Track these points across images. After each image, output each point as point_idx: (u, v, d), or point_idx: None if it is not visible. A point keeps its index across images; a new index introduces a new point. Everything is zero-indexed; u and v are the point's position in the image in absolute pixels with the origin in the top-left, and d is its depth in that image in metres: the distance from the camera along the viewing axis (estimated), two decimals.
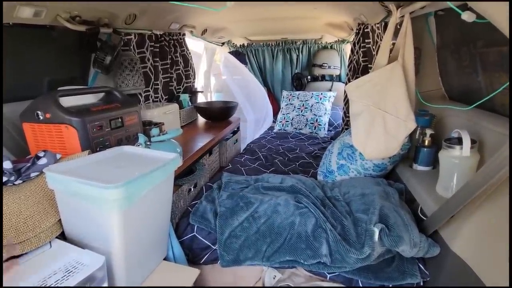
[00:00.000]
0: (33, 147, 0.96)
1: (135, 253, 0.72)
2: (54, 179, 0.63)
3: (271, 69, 2.90)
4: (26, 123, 0.93)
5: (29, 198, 0.67)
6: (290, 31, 2.51)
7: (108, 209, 0.62)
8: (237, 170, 1.53)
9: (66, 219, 0.69)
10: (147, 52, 1.62)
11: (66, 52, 1.31)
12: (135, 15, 1.40)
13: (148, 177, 0.67)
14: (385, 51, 1.01)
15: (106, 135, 1.01)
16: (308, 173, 1.51)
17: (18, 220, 0.62)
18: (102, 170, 0.70)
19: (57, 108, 0.89)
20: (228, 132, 1.90)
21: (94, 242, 0.68)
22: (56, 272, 0.58)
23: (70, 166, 0.69)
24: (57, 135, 0.91)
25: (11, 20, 0.95)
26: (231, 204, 1.06)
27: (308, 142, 2.11)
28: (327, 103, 2.41)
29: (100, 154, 0.79)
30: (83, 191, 0.61)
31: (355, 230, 0.92)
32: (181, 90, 2.07)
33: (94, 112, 0.97)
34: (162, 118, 1.48)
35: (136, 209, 0.67)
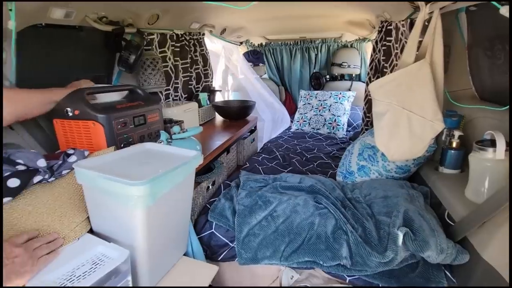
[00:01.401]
0: (62, 142, 1.01)
1: (157, 248, 0.73)
2: (82, 174, 0.66)
3: (288, 68, 2.88)
4: (56, 119, 0.98)
5: (62, 195, 0.70)
6: (309, 29, 2.47)
7: (132, 205, 0.63)
8: (255, 169, 1.53)
9: (93, 214, 0.72)
10: (168, 51, 1.66)
11: (93, 52, 1.36)
12: (158, 15, 1.43)
13: (172, 175, 0.68)
14: (411, 49, 0.97)
15: (129, 131, 1.04)
16: (326, 174, 1.48)
17: (53, 218, 0.65)
18: (127, 166, 0.72)
19: (85, 105, 0.92)
20: (246, 131, 1.90)
21: (119, 237, 0.70)
22: (84, 264, 0.60)
23: (97, 162, 0.71)
24: (85, 131, 0.95)
25: (44, 21, 0.99)
26: (249, 202, 1.06)
27: (326, 143, 2.07)
28: (346, 103, 2.36)
29: (125, 151, 0.81)
30: (109, 187, 0.63)
31: (377, 233, 0.90)
32: (200, 89, 2.09)
33: (119, 110, 1.00)
34: (181, 116, 1.51)
35: (159, 205, 0.69)
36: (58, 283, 0.54)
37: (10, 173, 0.65)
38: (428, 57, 0.92)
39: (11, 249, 0.53)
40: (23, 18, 0.84)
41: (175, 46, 1.73)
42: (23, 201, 0.65)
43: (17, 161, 0.68)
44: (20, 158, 0.68)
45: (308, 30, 2.50)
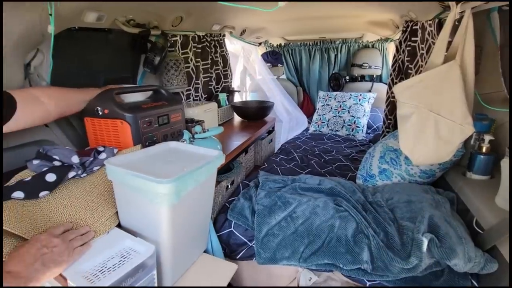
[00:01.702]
0: (92, 139, 1.06)
1: (180, 244, 0.76)
2: (112, 171, 0.69)
3: (307, 69, 2.86)
4: (87, 118, 1.03)
5: (93, 190, 0.74)
6: (329, 30, 2.44)
7: (158, 202, 0.65)
8: (273, 169, 1.53)
9: (122, 209, 0.75)
10: (190, 52, 1.70)
11: (120, 53, 1.42)
12: (181, 17, 1.47)
13: (196, 174, 0.70)
14: (440, 50, 0.93)
15: (154, 130, 1.08)
16: (345, 176, 1.46)
17: (85, 212, 0.69)
18: (153, 164, 0.75)
19: (114, 105, 0.97)
20: (264, 131, 1.91)
21: (145, 232, 0.72)
22: (113, 257, 0.63)
23: (126, 160, 0.74)
24: (113, 129, 0.99)
25: (78, 24, 1.05)
26: (268, 202, 1.07)
27: (345, 144, 2.04)
28: (367, 104, 2.31)
29: (151, 149, 0.84)
30: (137, 184, 0.65)
31: (400, 238, 0.88)
32: (220, 89, 2.12)
33: (145, 109, 1.04)
34: (202, 116, 1.54)
35: (183, 203, 0.71)
36: (92, 273, 0.57)
37: (47, 168, 0.70)
38: (458, 58, 0.88)
39: (50, 239, 0.56)
40: (60, 22, 0.89)
41: (196, 48, 1.77)
42: (59, 195, 0.70)
43: (54, 157, 0.72)
44: (56, 155, 0.73)
45: (328, 30, 2.47)
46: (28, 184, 0.65)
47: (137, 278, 0.62)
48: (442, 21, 1.20)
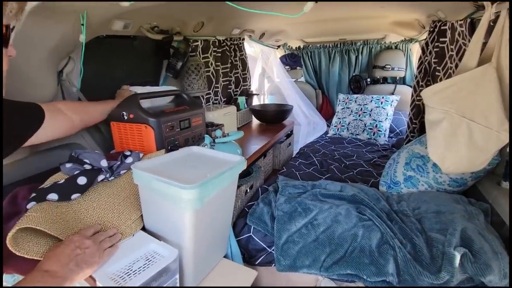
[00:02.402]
0: (117, 143, 1.10)
1: (202, 249, 0.76)
2: (138, 175, 0.70)
3: (327, 71, 2.81)
4: (113, 122, 1.07)
5: (120, 193, 0.76)
6: (350, 31, 2.39)
7: (182, 207, 0.66)
8: (292, 174, 1.51)
9: (146, 212, 0.76)
10: (211, 57, 1.72)
11: (144, 59, 1.47)
12: (203, 22, 1.49)
13: (218, 179, 0.70)
14: (474, 52, 0.88)
15: (176, 135, 1.10)
16: (367, 183, 1.41)
17: (113, 215, 0.71)
18: (177, 169, 0.76)
19: (138, 110, 1.00)
20: (282, 135, 1.90)
21: (168, 236, 0.74)
22: (138, 260, 0.65)
23: (151, 164, 0.76)
24: (138, 133, 1.02)
25: (106, 33, 1.09)
26: (288, 208, 1.05)
27: (366, 149, 1.98)
28: (389, 107, 2.24)
29: (174, 154, 0.86)
30: (162, 188, 0.67)
31: (429, 251, 0.83)
32: (238, 93, 2.14)
33: (168, 114, 1.06)
34: (221, 120, 1.55)
35: (206, 208, 0.71)
36: (118, 275, 0.59)
37: (79, 171, 0.73)
38: (494, 61, 0.83)
39: (83, 240, 0.58)
40: (90, 31, 0.93)
41: (216, 52, 1.79)
42: (89, 198, 0.72)
43: (85, 160, 0.76)
44: (86, 158, 0.76)
45: (349, 32, 2.42)
46: (61, 187, 0.69)
47: (161, 282, 0.63)
48: (474, 21, 1.14)
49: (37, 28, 0.73)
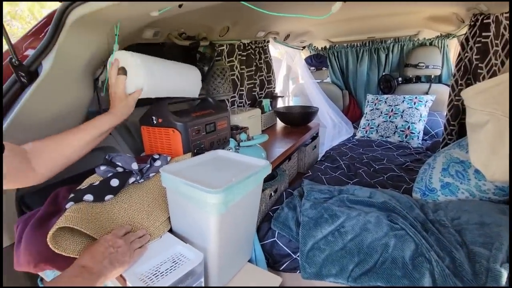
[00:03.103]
0: (147, 146, 1.14)
1: (226, 252, 0.76)
2: (166, 178, 0.73)
3: (354, 71, 2.71)
4: (143, 126, 1.11)
5: (149, 195, 0.79)
6: (379, 29, 2.28)
7: (207, 211, 0.67)
8: (317, 178, 1.48)
9: (173, 214, 0.79)
10: (236, 60, 1.74)
11: None
12: (228, 27, 1.51)
13: (243, 184, 0.70)
14: None
15: (202, 138, 1.12)
16: (399, 189, 1.33)
17: (142, 216, 0.74)
18: (203, 172, 0.77)
19: (167, 114, 1.03)
20: (308, 137, 1.86)
21: (194, 239, 0.75)
22: (165, 261, 0.66)
23: (179, 167, 0.78)
24: (166, 137, 1.06)
25: (137, 41, 1.15)
26: (314, 214, 1.02)
27: (397, 152, 1.88)
28: (423, 108, 2.10)
29: (200, 157, 0.87)
30: (188, 192, 0.68)
31: (471, 267, 0.76)
32: (263, 95, 2.14)
33: (194, 118, 1.08)
34: (246, 123, 1.56)
35: (231, 212, 0.71)
36: (147, 276, 0.61)
37: (112, 174, 0.77)
38: None
39: (115, 240, 0.61)
40: (123, 40, 0.98)
41: (241, 55, 1.80)
42: (121, 199, 0.76)
43: (117, 163, 0.79)
44: (119, 161, 0.79)
45: (378, 30, 2.31)
46: (96, 188, 0.73)
47: (187, 285, 0.64)
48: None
49: (76, 40, 0.78)
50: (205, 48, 1.60)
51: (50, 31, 0.74)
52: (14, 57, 0.72)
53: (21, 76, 0.74)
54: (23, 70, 0.74)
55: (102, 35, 0.83)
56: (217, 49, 1.60)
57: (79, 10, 0.68)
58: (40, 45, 0.75)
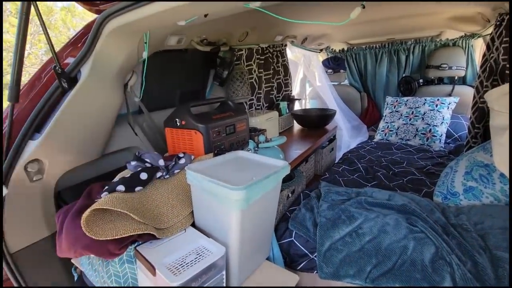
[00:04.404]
0: (170, 147, 1.21)
1: (246, 248, 0.80)
2: (192, 176, 0.77)
3: (373, 73, 2.67)
4: (167, 128, 1.18)
5: (174, 190, 0.85)
6: (399, 30, 2.25)
7: (230, 207, 0.71)
8: (335, 180, 1.48)
9: (197, 210, 0.83)
10: (254, 64, 1.78)
11: (193, 69, 1.59)
12: (247, 32, 1.56)
13: (264, 182, 0.74)
14: None
15: (222, 139, 1.17)
16: (419, 192, 1.31)
17: (167, 208, 0.79)
18: (225, 171, 0.81)
19: (189, 117, 1.09)
20: (325, 140, 1.86)
21: (216, 233, 0.79)
22: (190, 254, 0.71)
23: (202, 166, 0.83)
24: (188, 138, 1.12)
25: (162, 48, 1.22)
26: (332, 215, 1.04)
27: (418, 156, 1.83)
28: (446, 110, 2.04)
29: (222, 157, 0.92)
30: (212, 189, 0.72)
31: (494, 272, 0.74)
32: (280, 98, 2.16)
33: (215, 120, 1.14)
34: (263, 125, 1.59)
35: (251, 209, 0.75)
36: (174, 266, 0.65)
37: (141, 168, 0.83)
38: None
39: None
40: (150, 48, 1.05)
41: (259, 59, 1.85)
42: (149, 191, 0.81)
43: (146, 159, 0.85)
44: (147, 158, 0.85)
45: (398, 31, 2.28)
46: (127, 180, 0.79)
47: (209, 276, 0.68)
48: None
49: (111, 48, 0.85)
50: (225, 53, 1.66)
51: (89, 40, 0.82)
52: (58, 65, 0.80)
53: (63, 82, 0.82)
54: (65, 76, 0.82)
55: (133, 43, 0.90)
56: (237, 53, 1.65)
57: (116, 21, 0.75)
58: (80, 53, 0.83)
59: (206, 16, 0.80)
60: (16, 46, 0.77)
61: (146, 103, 1.28)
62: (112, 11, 0.74)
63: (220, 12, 0.81)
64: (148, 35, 0.89)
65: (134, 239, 0.71)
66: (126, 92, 1.14)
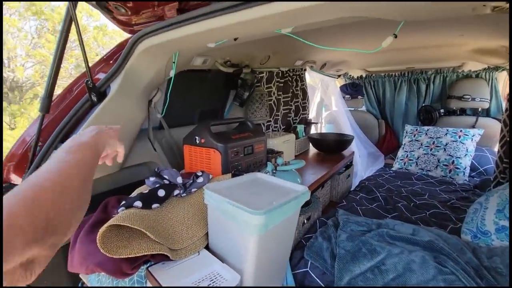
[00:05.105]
0: (187, 164, 1.20)
1: (261, 276, 0.75)
2: (210, 196, 0.75)
3: (391, 101, 2.65)
4: (186, 145, 1.18)
5: (190, 209, 0.83)
6: (420, 60, 2.25)
7: (247, 232, 0.68)
8: (353, 208, 1.42)
9: (212, 232, 0.80)
10: (274, 87, 1.81)
11: (215, 89, 1.62)
12: (269, 56, 1.60)
13: (284, 208, 0.71)
14: None
15: (239, 160, 1.16)
16: (445, 228, 1.23)
17: (182, 228, 0.77)
18: (243, 193, 0.79)
19: (209, 135, 1.09)
20: (342, 165, 1.82)
21: (230, 258, 0.75)
22: (204, 279, 0.67)
23: (220, 186, 0.81)
24: (206, 157, 1.11)
25: (187, 68, 1.26)
26: (351, 247, 0.98)
27: (440, 188, 1.75)
28: (469, 142, 1.96)
29: (240, 178, 0.90)
30: (230, 211, 0.70)
31: None
32: (297, 121, 2.16)
33: (234, 140, 1.13)
34: (280, 147, 1.58)
35: (269, 235, 0.71)
36: None
37: (159, 185, 0.82)
38: None
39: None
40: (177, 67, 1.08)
41: (279, 82, 1.87)
42: (165, 209, 0.80)
43: (164, 176, 0.85)
44: (166, 175, 0.85)
45: (418, 61, 2.28)
46: (145, 196, 0.78)
47: None
48: None
49: (140, 67, 0.89)
50: (246, 75, 1.69)
51: (121, 57, 0.85)
52: (90, 79, 0.83)
53: (92, 96, 0.85)
54: (95, 91, 0.85)
55: (162, 62, 0.93)
56: (257, 75, 1.69)
57: (149, 41, 0.78)
58: (112, 69, 0.86)
59: (236, 40, 0.82)
60: (53, 61, 0.81)
61: (166, 119, 1.30)
62: (147, 31, 0.77)
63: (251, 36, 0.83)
64: (177, 55, 0.92)
65: (147, 258, 0.69)
66: (150, 108, 1.17)
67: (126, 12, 0.85)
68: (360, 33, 1.19)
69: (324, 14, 0.60)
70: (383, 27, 0.98)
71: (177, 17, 0.68)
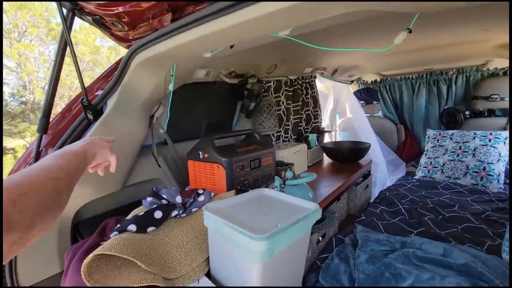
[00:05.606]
0: (192, 179, 1.15)
1: None
2: (209, 218, 0.69)
3: (410, 105, 2.50)
4: (190, 161, 1.13)
5: (190, 232, 0.76)
6: (438, 60, 2.11)
7: (250, 258, 0.60)
8: (373, 223, 1.29)
9: (213, 257, 0.73)
10: (282, 96, 1.74)
11: (220, 101, 1.58)
12: (275, 64, 1.54)
13: (291, 230, 0.63)
14: None
15: (246, 174, 1.08)
16: (482, 246, 1.08)
17: (180, 253, 0.71)
18: (247, 213, 0.72)
19: (213, 149, 1.03)
20: (359, 176, 1.70)
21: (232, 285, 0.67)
22: None
23: (222, 206, 0.74)
24: (210, 172, 1.05)
25: (190, 81, 1.22)
26: (372, 271, 0.86)
27: (471, 198, 1.58)
28: (502, 146, 1.78)
29: (244, 196, 0.83)
30: (230, 235, 0.63)
31: None
32: (309, 130, 2.07)
33: (239, 153, 1.07)
34: (291, 158, 1.49)
35: (275, 261, 0.63)
36: None
37: (156, 205, 0.76)
38: None
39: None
40: (178, 80, 1.05)
41: (288, 91, 1.81)
42: (162, 232, 0.74)
43: (162, 195, 0.79)
44: (164, 194, 0.79)
45: (438, 61, 2.14)
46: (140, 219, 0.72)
47: None
48: None
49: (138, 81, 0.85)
50: (253, 85, 1.64)
51: (117, 73, 0.82)
52: (85, 97, 0.80)
53: (88, 114, 0.82)
54: (91, 108, 0.82)
55: (160, 76, 0.89)
56: (265, 85, 1.63)
57: (143, 54, 0.75)
58: (108, 86, 0.83)
59: (232, 47, 0.77)
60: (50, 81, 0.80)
61: (171, 134, 1.26)
62: (140, 45, 0.74)
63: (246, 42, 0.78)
64: (175, 68, 0.88)
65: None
66: (152, 123, 1.13)
67: (123, 27, 0.82)
68: (370, 32, 1.11)
69: (322, 12, 0.54)
70: (395, 22, 0.89)
71: (166, 28, 0.64)
